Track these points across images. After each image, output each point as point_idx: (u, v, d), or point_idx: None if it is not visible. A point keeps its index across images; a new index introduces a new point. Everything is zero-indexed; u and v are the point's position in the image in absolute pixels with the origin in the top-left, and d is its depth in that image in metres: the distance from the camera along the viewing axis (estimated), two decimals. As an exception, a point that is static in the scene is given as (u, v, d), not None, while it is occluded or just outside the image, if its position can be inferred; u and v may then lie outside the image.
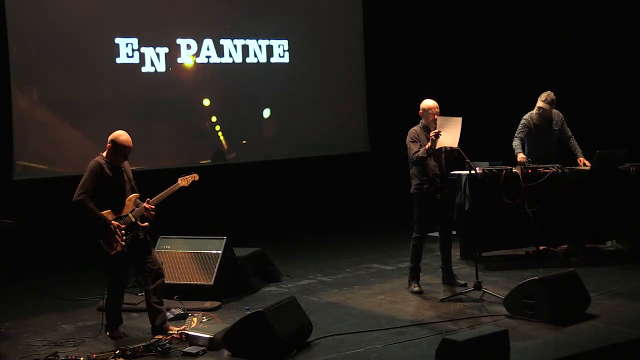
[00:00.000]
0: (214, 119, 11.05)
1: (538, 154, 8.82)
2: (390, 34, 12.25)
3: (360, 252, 9.64)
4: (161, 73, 10.59)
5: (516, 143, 8.83)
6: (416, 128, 7.68)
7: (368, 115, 12.34)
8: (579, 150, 8.89)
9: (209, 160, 10.88)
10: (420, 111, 7.65)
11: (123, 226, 6.22)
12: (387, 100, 12.14)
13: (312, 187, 11.58)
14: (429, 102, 7.64)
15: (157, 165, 10.06)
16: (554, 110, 8.90)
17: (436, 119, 7.44)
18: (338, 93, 12.09)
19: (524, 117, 8.95)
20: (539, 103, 8.78)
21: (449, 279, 7.86)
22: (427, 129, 7.60)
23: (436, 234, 7.85)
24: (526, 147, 8.92)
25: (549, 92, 8.79)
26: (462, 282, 7.76)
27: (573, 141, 8.96)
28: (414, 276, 7.74)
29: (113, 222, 6.20)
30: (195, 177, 6.78)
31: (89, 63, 9.97)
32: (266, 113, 11.55)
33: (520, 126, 8.91)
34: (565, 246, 8.89)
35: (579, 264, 8.24)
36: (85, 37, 9.95)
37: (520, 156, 8.69)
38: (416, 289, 7.62)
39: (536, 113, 8.83)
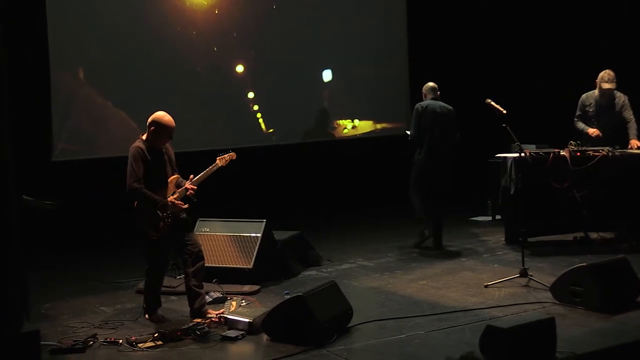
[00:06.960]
0: (255, 107, 10.93)
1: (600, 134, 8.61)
2: (433, 26, 12.04)
3: (402, 236, 9.44)
4: (204, 55, 10.45)
5: (580, 122, 8.73)
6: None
7: (410, 97, 12.14)
8: (633, 133, 8.54)
9: (252, 142, 10.73)
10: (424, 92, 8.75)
11: (178, 202, 6.23)
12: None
13: (354, 170, 11.42)
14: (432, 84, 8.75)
15: (200, 146, 9.90)
16: (617, 93, 8.65)
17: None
18: (380, 78, 11.89)
19: (583, 97, 8.78)
20: (605, 84, 8.52)
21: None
22: None
23: (482, 218, 7.78)
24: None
25: (608, 70, 8.55)
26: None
27: (631, 124, 8.61)
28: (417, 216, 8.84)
29: (169, 198, 6.20)
30: (233, 155, 6.72)
31: (130, 41, 9.84)
32: (327, 76, 11.45)
33: (580, 105, 8.79)
34: (615, 232, 8.66)
35: (629, 250, 7.99)
36: (126, 15, 9.83)
37: (592, 130, 8.56)
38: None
39: (600, 94, 8.61)
